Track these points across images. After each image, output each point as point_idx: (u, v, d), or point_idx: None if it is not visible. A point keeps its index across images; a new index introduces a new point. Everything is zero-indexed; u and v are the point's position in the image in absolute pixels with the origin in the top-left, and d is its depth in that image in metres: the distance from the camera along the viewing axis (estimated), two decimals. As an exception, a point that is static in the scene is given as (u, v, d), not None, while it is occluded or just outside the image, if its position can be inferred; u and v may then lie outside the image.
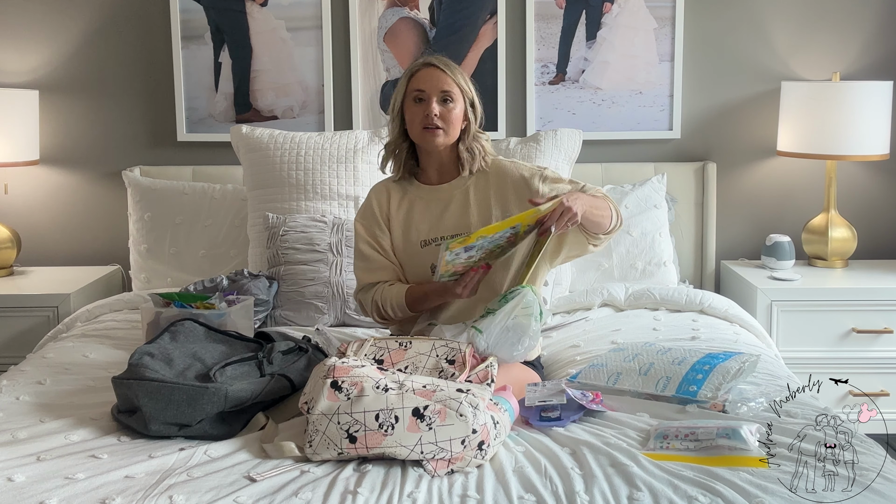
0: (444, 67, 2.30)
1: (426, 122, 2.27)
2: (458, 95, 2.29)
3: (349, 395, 1.73)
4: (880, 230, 3.47)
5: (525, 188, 2.33)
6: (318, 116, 3.40)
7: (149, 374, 1.90)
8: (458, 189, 2.36)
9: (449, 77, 2.29)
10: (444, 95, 2.28)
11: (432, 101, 2.27)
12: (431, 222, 2.34)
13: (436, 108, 2.26)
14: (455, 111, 2.29)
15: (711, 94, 3.41)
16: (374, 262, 2.36)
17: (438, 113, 2.27)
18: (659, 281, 3.07)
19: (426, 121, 2.27)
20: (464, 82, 2.32)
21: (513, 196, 2.33)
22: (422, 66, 2.31)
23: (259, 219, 2.97)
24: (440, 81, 2.28)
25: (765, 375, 2.17)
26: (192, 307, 2.47)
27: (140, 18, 3.38)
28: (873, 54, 3.37)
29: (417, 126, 2.29)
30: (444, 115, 2.27)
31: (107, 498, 1.59)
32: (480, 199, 2.35)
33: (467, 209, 2.33)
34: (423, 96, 2.28)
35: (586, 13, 3.35)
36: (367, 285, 2.37)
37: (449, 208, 2.34)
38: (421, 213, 2.36)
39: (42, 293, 3.07)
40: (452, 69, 2.31)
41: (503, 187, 2.35)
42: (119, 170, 3.40)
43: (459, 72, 2.33)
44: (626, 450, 1.75)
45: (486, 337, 2.02)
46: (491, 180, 2.36)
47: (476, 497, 1.60)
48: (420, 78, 2.30)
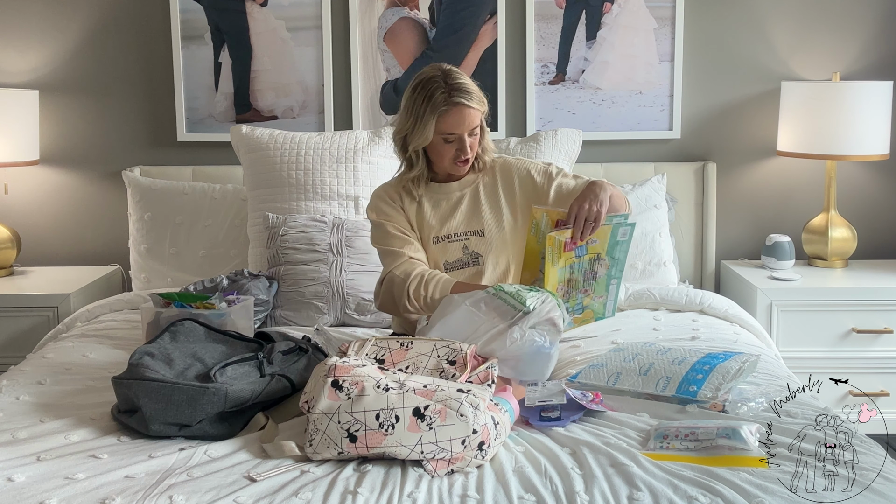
0: (469, 103, 2.23)
1: (459, 157, 2.29)
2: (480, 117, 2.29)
3: (350, 394, 1.73)
4: (880, 230, 3.47)
5: (531, 186, 2.37)
6: (318, 116, 3.40)
7: (149, 374, 1.90)
8: (468, 187, 2.39)
9: (477, 111, 2.26)
10: (473, 131, 2.28)
11: (466, 141, 2.27)
12: (443, 219, 2.36)
13: (468, 143, 2.27)
14: (478, 133, 2.30)
15: (711, 94, 3.41)
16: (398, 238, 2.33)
17: (471, 145, 2.28)
18: (659, 281, 3.07)
19: (459, 156, 2.28)
20: (484, 105, 2.29)
21: (520, 192, 2.38)
22: (450, 105, 2.22)
23: (259, 219, 2.97)
24: (471, 120, 2.26)
25: (765, 375, 2.17)
26: (192, 307, 2.47)
27: (140, 18, 3.38)
28: (873, 54, 3.37)
29: (449, 160, 2.30)
30: (473, 145, 2.30)
31: (107, 498, 1.59)
32: (491, 197, 2.38)
33: (479, 207, 2.37)
34: (453, 138, 2.27)
35: (586, 13, 3.35)
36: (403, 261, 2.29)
37: (460, 206, 2.37)
38: (430, 210, 2.38)
39: (42, 293, 3.07)
40: (474, 97, 2.25)
41: (510, 184, 2.39)
42: (119, 170, 3.40)
43: (481, 95, 2.28)
44: (626, 450, 1.75)
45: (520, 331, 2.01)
46: (499, 178, 2.40)
47: (476, 497, 1.60)
48: (451, 121, 2.24)
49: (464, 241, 2.36)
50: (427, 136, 2.25)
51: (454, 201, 2.38)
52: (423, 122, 2.24)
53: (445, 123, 2.24)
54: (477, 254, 2.36)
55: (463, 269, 2.36)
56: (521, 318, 1.99)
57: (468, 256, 2.36)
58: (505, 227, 2.37)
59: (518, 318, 1.99)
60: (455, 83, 2.24)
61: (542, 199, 2.35)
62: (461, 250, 2.36)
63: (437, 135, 2.26)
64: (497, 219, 2.36)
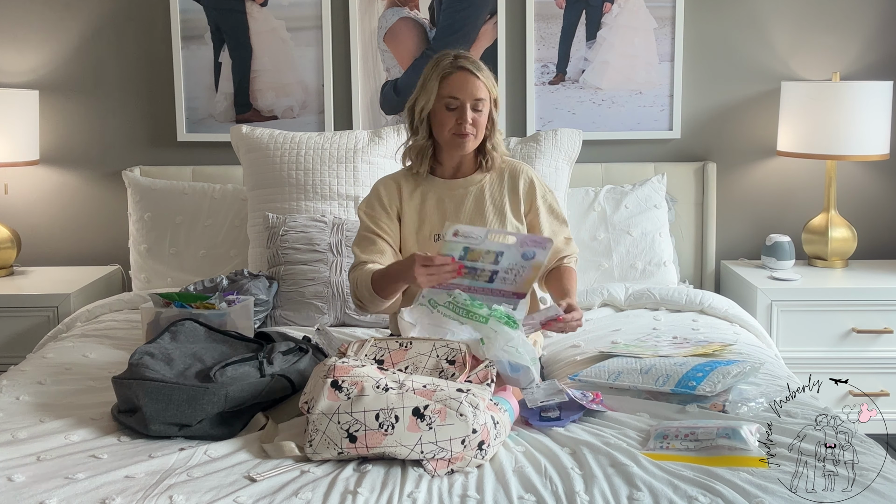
0: (476, 71, 2.25)
1: (459, 129, 2.25)
2: (487, 97, 2.27)
3: (349, 394, 1.73)
4: (880, 230, 3.47)
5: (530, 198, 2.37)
6: (318, 116, 3.40)
7: (149, 373, 1.90)
8: (474, 185, 2.37)
9: (481, 82, 2.26)
10: (476, 104, 2.25)
11: (467, 109, 2.24)
12: (444, 216, 2.33)
13: (470, 117, 2.24)
14: (484, 114, 2.28)
15: (711, 94, 3.41)
16: (375, 244, 2.33)
17: (472, 120, 2.25)
18: (659, 281, 3.07)
19: (459, 129, 2.25)
20: (490, 82, 2.29)
21: (524, 199, 2.37)
22: (455, 69, 2.26)
23: (259, 219, 2.97)
24: (474, 88, 2.25)
25: (765, 375, 2.17)
26: (192, 307, 2.47)
27: (140, 18, 3.38)
28: (873, 54, 3.37)
29: (448, 132, 2.27)
30: (476, 120, 2.26)
31: (107, 498, 1.59)
32: (496, 198, 2.36)
33: (483, 206, 2.35)
34: (455, 104, 2.25)
35: (586, 13, 3.35)
36: (359, 262, 2.31)
37: (464, 204, 2.35)
38: (434, 206, 2.36)
39: (42, 293, 3.07)
40: (482, 70, 2.28)
41: (516, 189, 2.37)
42: (119, 170, 3.40)
43: (487, 71, 2.29)
44: (626, 450, 1.75)
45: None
46: (506, 180, 2.38)
47: (476, 497, 1.60)
48: (454, 84, 2.25)
49: None
50: (430, 98, 2.26)
51: (458, 199, 2.35)
52: (429, 84, 2.27)
53: (448, 86, 2.25)
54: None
55: None
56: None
57: None
58: (509, 229, 2.34)
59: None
60: (463, 56, 2.28)
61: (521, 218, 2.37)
62: None
63: (440, 99, 2.25)
64: (500, 221, 2.34)
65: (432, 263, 2.05)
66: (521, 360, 2.00)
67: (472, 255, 2.07)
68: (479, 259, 2.08)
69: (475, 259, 2.08)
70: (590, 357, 2.33)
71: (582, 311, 2.21)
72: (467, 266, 2.08)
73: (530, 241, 2.08)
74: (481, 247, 2.07)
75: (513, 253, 2.07)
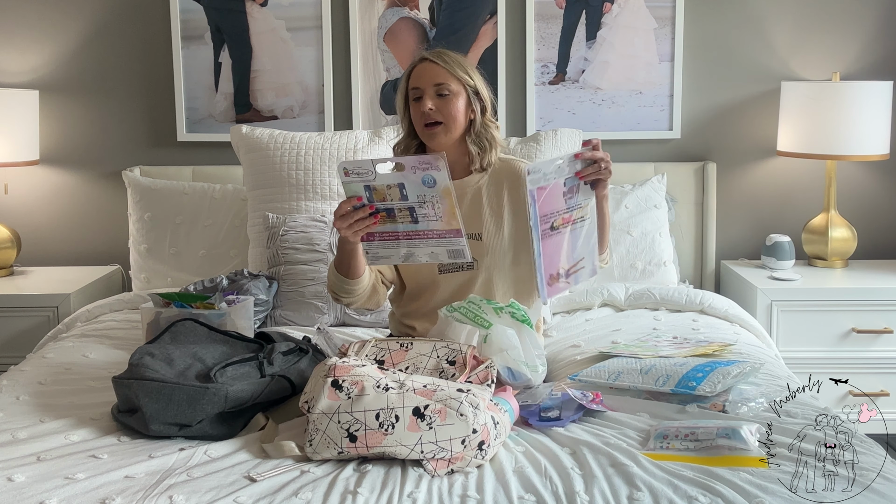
0: (437, 60, 2.22)
1: (425, 118, 2.21)
2: (457, 87, 2.21)
3: (350, 394, 1.73)
4: (880, 230, 3.47)
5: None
6: (318, 116, 3.40)
7: (149, 374, 1.90)
8: (469, 187, 2.30)
9: (442, 69, 2.21)
10: (439, 89, 2.20)
11: (425, 96, 2.20)
12: None
13: (429, 104, 2.19)
14: (455, 104, 2.20)
15: (711, 94, 3.41)
16: None
17: (434, 107, 2.19)
18: (659, 281, 3.07)
19: (425, 118, 2.21)
20: (462, 72, 2.23)
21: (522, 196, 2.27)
22: (418, 61, 2.25)
23: (259, 219, 2.97)
24: (434, 75, 2.21)
25: (765, 375, 2.17)
26: (192, 307, 2.47)
27: (140, 18, 3.38)
28: (873, 54, 3.37)
29: (419, 125, 2.23)
30: (442, 108, 2.20)
31: (107, 498, 1.59)
32: (493, 200, 2.29)
33: (480, 210, 2.28)
34: (419, 94, 2.22)
35: (586, 13, 3.35)
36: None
37: (460, 207, 2.24)
38: None
39: (42, 293, 3.07)
40: (448, 60, 2.23)
41: (515, 187, 2.29)
42: (119, 170, 3.40)
43: (457, 62, 2.24)
44: (626, 450, 1.75)
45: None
46: (505, 182, 2.30)
47: (476, 497, 1.60)
48: (415, 75, 2.24)
49: None
50: (402, 90, 2.26)
51: None
52: (400, 86, 2.28)
53: (412, 78, 2.24)
54: (473, 258, 2.24)
55: (455, 271, 2.27)
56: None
57: None
58: (505, 233, 2.28)
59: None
60: (434, 50, 2.27)
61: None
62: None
63: (409, 92, 2.24)
64: (497, 224, 2.28)
65: (345, 211, 1.98)
66: (522, 370, 2.01)
67: (378, 195, 1.98)
68: (385, 197, 1.98)
69: (382, 198, 1.99)
70: (590, 357, 2.33)
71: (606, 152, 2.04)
72: (379, 207, 1.99)
73: (420, 164, 1.95)
74: (379, 182, 1.97)
75: (413, 182, 1.96)
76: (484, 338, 2.00)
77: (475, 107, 2.25)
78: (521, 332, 2.04)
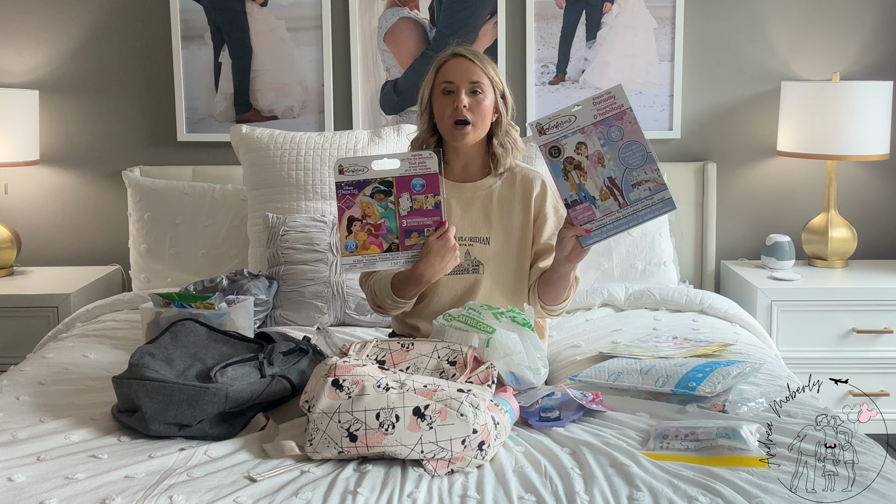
0: (472, 57, 2.23)
1: (456, 115, 2.19)
2: (488, 86, 2.22)
3: (350, 393, 1.73)
4: (880, 230, 3.47)
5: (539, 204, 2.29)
6: (318, 116, 3.40)
7: (149, 374, 1.90)
8: (482, 190, 2.29)
9: (478, 67, 2.22)
10: (474, 87, 2.20)
11: (461, 93, 2.19)
12: (452, 221, 2.22)
13: (465, 100, 2.18)
14: (485, 103, 2.21)
15: (711, 94, 3.41)
16: None
17: (468, 105, 2.19)
18: (659, 281, 3.07)
19: (456, 114, 2.19)
20: (494, 73, 2.24)
21: (533, 207, 2.28)
22: (450, 56, 2.24)
23: (259, 219, 2.97)
24: (469, 72, 2.21)
25: (765, 375, 2.17)
26: (192, 307, 2.47)
27: (140, 18, 3.38)
28: (873, 54, 3.37)
29: (447, 120, 2.21)
30: (474, 107, 2.19)
31: (107, 498, 1.59)
32: (504, 206, 2.28)
33: (490, 213, 2.28)
34: (451, 88, 2.21)
35: (586, 13, 3.35)
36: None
37: (471, 209, 2.28)
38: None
39: (42, 293, 3.07)
40: (482, 59, 2.24)
41: (528, 197, 2.29)
42: (119, 170, 3.40)
43: (489, 62, 2.26)
44: (626, 450, 1.75)
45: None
46: (517, 188, 2.30)
47: (476, 497, 1.60)
48: (448, 69, 2.23)
49: (467, 247, 2.26)
50: (428, 86, 2.25)
51: (465, 203, 2.28)
52: (428, 75, 2.27)
53: (444, 72, 2.23)
54: (478, 262, 2.26)
55: (462, 274, 2.26)
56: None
57: (469, 263, 2.26)
58: (513, 240, 2.27)
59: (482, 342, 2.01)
60: (464, 47, 2.27)
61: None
62: (463, 255, 2.24)
63: (437, 86, 2.23)
64: (506, 230, 2.27)
65: (452, 243, 2.09)
66: (525, 374, 2.01)
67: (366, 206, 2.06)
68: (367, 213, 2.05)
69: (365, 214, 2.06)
70: (590, 357, 2.33)
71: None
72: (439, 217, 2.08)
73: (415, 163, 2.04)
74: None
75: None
76: (486, 342, 2.00)
77: (501, 109, 2.26)
78: (522, 336, 2.04)
